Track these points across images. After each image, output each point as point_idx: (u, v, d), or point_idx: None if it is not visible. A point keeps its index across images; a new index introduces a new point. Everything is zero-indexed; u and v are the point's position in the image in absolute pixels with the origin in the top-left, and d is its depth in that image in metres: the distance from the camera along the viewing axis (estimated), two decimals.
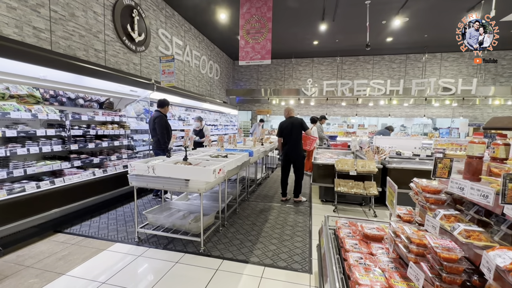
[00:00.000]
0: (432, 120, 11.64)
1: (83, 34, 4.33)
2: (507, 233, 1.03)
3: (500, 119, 1.33)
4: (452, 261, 1.05)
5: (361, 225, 1.89)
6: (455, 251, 1.07)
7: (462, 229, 1.08)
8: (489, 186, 1.02)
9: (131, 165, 2.71)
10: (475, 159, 1.20)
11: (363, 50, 8.04)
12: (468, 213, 1.24)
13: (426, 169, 3.96)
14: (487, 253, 0.90)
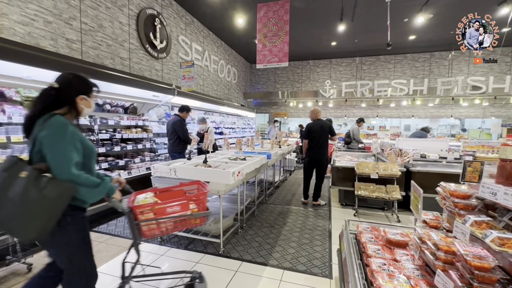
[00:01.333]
0: (460, 120, 11.00)
1: (110, 43, 4.59)
2: None
3: None
4: (485, 270, 0.99)
5: (384, 230, 1.83)
6: (487, 259, 1.01)
7: (495, 237, 1.02)
8: None
9: (154, 167, 2.83)
10: (509, 163, 1.14)
11: (384, 49, 7.82)
12: (502, 220, 1.17)
13: (454, 173, 3.76)
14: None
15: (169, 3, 6.17)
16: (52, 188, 1.20)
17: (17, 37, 3.23)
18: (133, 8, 5.05)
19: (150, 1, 5.52)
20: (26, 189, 1.16)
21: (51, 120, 1.29)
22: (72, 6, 3.90)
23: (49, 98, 1.36)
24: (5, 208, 1.17)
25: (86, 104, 1.45)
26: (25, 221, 1.16)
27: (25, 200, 1.16)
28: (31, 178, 1.19)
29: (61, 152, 1.26)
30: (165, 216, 1.63)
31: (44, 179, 1.21)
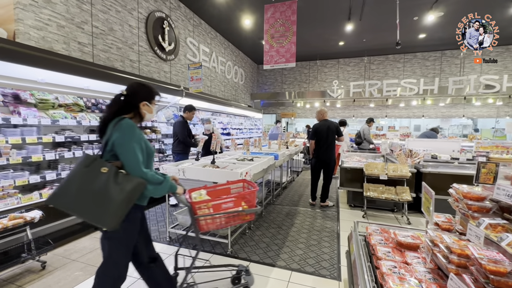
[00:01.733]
0: (473, 120, 10.72)
1: (120, 46, 4.68)
2: None
3: None
4: (500, 274, 0.97)
5: (394, 232, 1.80)
6: (503, 263, 0.98)
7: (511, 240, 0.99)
8: None
9: (163, 168, 2.87)
10: None
11: (393, 48, 7.70)
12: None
13: (467, 174, 3.67)
14: None
15: (177, 6, 6.25)
16: (127, 182, 1.35)
17: (32, 41, 3.34)
18: (142, 11, 5.14)
19: (159, 4, 5.60)
20: (107, 183, 1.32)
21: (121, 123, 1.45)
22: (83, 11, 4.00)
23: (119, 104, 1.54)
24: (89, 199, 1.31)
25: (148, 110, 1.60)
26: (107, 211, 1.30)
27: (107, 193, 1.31)
28: (111, 174, 1.34)
29: (131, 151, 1.42)
30: (221, 212, 1.75)
31: (121, 175, 1.37)
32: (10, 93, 2.93)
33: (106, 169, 1.35)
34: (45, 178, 2.98)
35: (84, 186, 1.32)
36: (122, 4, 4.67)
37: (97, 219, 1.31)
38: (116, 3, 4.56)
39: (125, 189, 1.33)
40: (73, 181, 1.33)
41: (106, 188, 1.31)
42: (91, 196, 1.31)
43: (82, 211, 1.32)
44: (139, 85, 1.62)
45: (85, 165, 1.36)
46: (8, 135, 2.74)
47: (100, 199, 1.30)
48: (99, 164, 1.36)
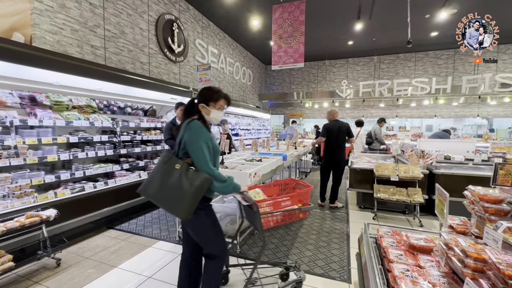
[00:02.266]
0: (488, 120, 10.39)
1: (131, 49, 4.78)
2: None
3: None
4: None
5: (406, 235, 1.76)
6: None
7: None
8: None
9: None
10: None
11: (404, 47, 7.57)
12: None
13: (483, 176, 3.55)
14: None
15: (186, 8, 6.33)
16: (196, 178, 1.49)
17: (48, 45, 3.45)
18: (152, 14, 5.23)
19: (169, 6, 5.69)
20: (180, 178, 1.48)
21: (191, 124, 1.61)
22: (96, 15, 4.10)
23: (188, 108, 1.74)
24: (168, 192, 1.49)
25: (206, 112, 1.70)
26: (180, 202, 1.47)
27: (180, 186, 1.47)
28: (183, 170, 1.50)
29: (200, 150, 1.55)
30: (280, 210, 1.85)
31: (191, 171, 1.51)
32: (27, 95, 3.03)
33: (179, 165, 1.51)
34: (60, 177, 3.07)
35: (163, 180, 1.50)
36: (133, 8, 4.77)
37: (173, 209, 1.49)
38: (127, 7, 4.66)
39: (194, 184, 1.47)
40: (155, 176, 1.54)
41: (179, 182, 1.47)
42: (168, 189, 1.48)
43: (163, 202, 1.51)
44: (203, 88, 1.76)
45: (163, 162, 1.55)
46: (25, 136, 2.84)
47: (175, 192, 1.47)
48: (174, 161, 1.53)
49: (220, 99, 1.72)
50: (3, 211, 2.42)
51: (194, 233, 1.67)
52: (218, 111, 1.72)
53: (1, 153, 2.60)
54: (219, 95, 1.72)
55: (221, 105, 1.74)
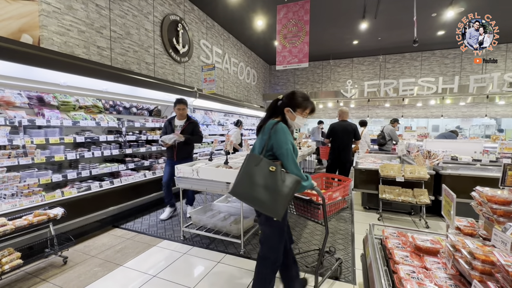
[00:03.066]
0: (496, 120, 10.21)
1: (137, 49, 4.82)
2: None
3: None
4: None
5: (412, 236, 1.74)
6: None
7: None
8: None
9: (178, 168, 2.92)
10: None
11: (410, 46, 7.48)
12: None
13: (490, 177, 3.49)
14: None
15: (191, 9, 6.36)
16: (290, 180, 1.54)
17: (55, 46, 3.50)
18: (157, 15, 5.27)
19: (174, 7, 5.72)
20: (276, 180, 1.52)
21: (277, 127, 1.65)
22: (102, 16, 4.15)
23: (273, 107, 1.79)
24: (264, 194, 1.51)
25: (290, 116, 1.74)
26: (278, 203, 1.50)
27: (277, 188, 1.51)
28: (278, 172, 1.53)
29: (290, 152, 1.62)
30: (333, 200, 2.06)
31: (283, 172, 1.56)
32: (35, 96, 3.09)
33: (274, 168, 1.53)
34: (67, 177, 3.12)
35: (258, 181, 1.53)
36: (138, 9, 4.81)
37: (270, 209, 1.51)
38: (133, 8, 4.70)
39: (288, 185, 1.52)
40: (246, 177, 1.57)
41: (276, 184, 1.51)
42: (264, 190, 1.51)
43: (258, 203, 1.53)
44: (291, 92, 1.77)
45: (255, 164, 1.57)
46: (33, 135, 2.89)
47: (271, 193, 1.50)
48: (266, 163, 1.56)
49: (308, 108, 1.76)
50: (11, 209, 2.47)
51: (265, 233, 1.72)
52: (302, 118, 1.76)
53: (10, 153, 2.65)
54: (308, 104, 1.76)
55: (307, 113, 1.78)
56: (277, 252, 1.71)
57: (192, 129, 3.73)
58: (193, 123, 3.78)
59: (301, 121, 1.77)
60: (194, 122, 3.81)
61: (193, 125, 3.76)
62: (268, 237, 1.71)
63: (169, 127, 3.74)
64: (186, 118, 3.78)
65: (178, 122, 3.77)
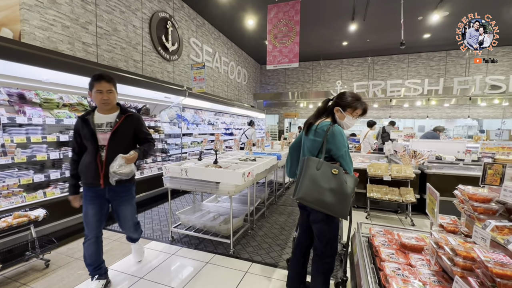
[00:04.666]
0: (478, 121, 10.60)
1: (124, 46, 4.71)
2: None
3: None
4: (507, 277, 0.95)
5: (398, 234, 1.78)
6: (510, 266, 0.96)
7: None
8: None
9: (166, 168, 2.87)
10: None
11: (397, 48, 7.65)
12: None
13: (472, 175, 3.62)
14: None
15: (181, 6, 6.28)
16: (350, 180, 1.60)
17: (37, 41, 3.37)
18: (146, 11, 5.17)
19: (163, 4, 5.63)
20: (341, 182, 1.56)
21: (335, 130, 1.66)
22: (88, 11, 4.03)
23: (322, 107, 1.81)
24: (330, 197, 1.55)
25: (339, 116, 1.75)
26: (345, 204, 1.56)
27: (343, 190, 1.56)
28: (341, 174, 1.58)
29: (348, 155, 1.68)
30: None
31: (345, 174, 1.60)
32: (16, 92, 2.96)
33: (336, 170, 1.58)
34: (49, 177, 3.01)
35: (324, 185, 1.56)
36: (126, 5, 4.70)
37: (339, 212, 1.56)
38: (120, 4, 4.59)
39: (350, 186, 1.58)
40: (312, 182, 1.57)
41: (341, 186, 1.56)
42: (331, 193, 1.54)
43: (326, 206, 1.55)
44: (342, 92, 1.78)
45: (316, 168, 1.59)
46: (13, 134, 2.77)
47: (339, 195, 1.55)
48: (328, 166, 1.59)
49: (359, 109, 1.74)
50: None
51: (321, 230, 1.74)
52: (352, 118, 1.75)
53: None
54: (358, 104, 1.74)
55: (357, 113, 1.76)
56: (336, 246, 1.80)
57: (134, 129, 2.13)
58: (132, 117, 2.14)
59: (351, 121, 1.76)
60: (134, 116, 2.16)
61: (134, 121, 2.14)
62: (325, 233, 1.75)
63: (85, 131, 2.00)
64: (119, 110, 2.12)
65: (103, 117, 2.07)
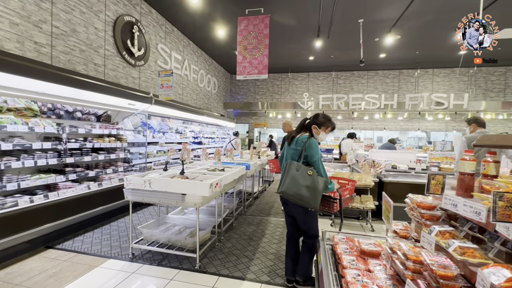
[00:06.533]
0: (427, 133, 11.82)
1: (84, 49, 4.41)
2: (500, 250, 1.04)
3: (490, 137, 1.37)
4: (448, 278, 1.05)
5: (358, 241, 1.88)
6: (450, 268, 1.07)
7: (456, 246, 1.09)
8: (481, 203, 1.05)
9: (127, 179, 2.70)
10: (467, 176, 1.23)
11: (358, 65, 8.28)
12: (463, 230, 1.26)
13: (423, 183, 3.99)
14: (481, 270, 0.91)
15: (149, 11, 6.10)
16: (321, 180, 2.05)
17: None
18: (110, 14, 4.92)
19: (129, 8, 5.42)
20: (314, 181, 2.03)
21: (311, 142, 2.16)
22: (42, 9, 3.71)
23: (302, 124, 2.34)
24: (305, 191, 2.00)
25: (316, 132, 2.27)
26: (316, 198, 2.01)
27: (315, 187, 2.01)
28: (314, 175, 2.05)
29: (320, 161, 2.14)
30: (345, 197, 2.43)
31: (316, 176, 2.06)
32: None
33: (311, 172, 2.05)
34: None
35: (302, 182, 2.02)
36: (87, 6, 4.43)
37: (310, 203, 2.00)
38: (81, 4, 4.31)
39: (321, 184, 2.03)
40: (292, 180, 2.04)
41: (314, 183, 2.02)
42: (307, 189, 2.00)
43: (302, 199, 2.01)
44: (316, 114, 2.32)
45: (296, 169, 2.06)
46: None
47: (312, 190, 2.00)
48: (305, 168, 2.06)
49: (330, 127, 2.29)
50: None
51: (303, 219, 2.22)
52: (325, 133, 2.29)
53: None
54: (329, 124, 2.29)
55: (328, 130, 2.30)
56: (316, 229, 2.25)
57: None
58: None
59: (324, 136, 2.30)
60: None
61: None
62: (308, 221, 2.22)
63: None
64: None
65: None
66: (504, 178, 1.11)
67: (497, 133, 9.76)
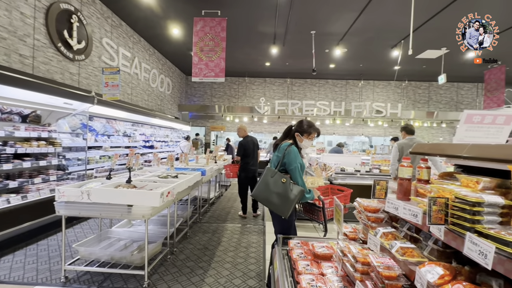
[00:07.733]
0: (369, 138, 13.14)
1: (5, 36, 3.72)
2: (433, 248, 1.16)
3: (422, 146, 1.54)
4: (392, 278, 1.13)
5: (312, 245, 1.93)
6: (394, 268, 1.15)
7: (398, 247, 1.18)
8: (417, 206, 1.15)
9: (59, 191, 2.32)
10: (405, 181, 1.36)
11: (310, 74, 8.78)
12: (402, 230, 1.38)
13: (368, 184, 4.38)
14: (419, 269, 0.99)
15: (92, 1, 5.49)
16: (295, 189, 2.02)
17: None
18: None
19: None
20: (286, 189, 2.00)
21: (289, 149, 2.14)
22: None
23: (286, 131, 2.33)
24: (276, 198, 2.00)
25: (299, 139, 2.26)
26: (286, 206, 1.98)
27: (287, 194, 1.99)
28: (288, 183, 2.02)
29: (297, 169, 2.10)
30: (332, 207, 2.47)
31: (292, 184, 2.04)
32: None
33: (285, 179, 2.03)
34: None
35: (273, 189, 2.02)
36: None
37: (280, 210, 2.00)
38: None
39: (294, 193, 2.00)
40: (265, 186, 2.05)
41: (286, 192, 2.00)
42: (277, 196, 2.00)
43: (271, 205, 2.03)
44: (300, 121, 2.29)
45: (271, 176, 2.06)
46: None
47: (282, 198, 1.99)
48: (279, 176, 2.05)
49: (312, 133, 2.26)
50: None
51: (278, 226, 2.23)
52: (308, 140, 2.26)
53: None
54: (312, 130, 2.26)
55: (312, 137, 2.27)
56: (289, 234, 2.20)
57: None
58: None
59: (307, 143, 2.27)
60: None
61: None
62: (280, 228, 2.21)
63: None
64: None
65: None
66: (435, 184, 1.24)
67: (423, 138, 11.40)
